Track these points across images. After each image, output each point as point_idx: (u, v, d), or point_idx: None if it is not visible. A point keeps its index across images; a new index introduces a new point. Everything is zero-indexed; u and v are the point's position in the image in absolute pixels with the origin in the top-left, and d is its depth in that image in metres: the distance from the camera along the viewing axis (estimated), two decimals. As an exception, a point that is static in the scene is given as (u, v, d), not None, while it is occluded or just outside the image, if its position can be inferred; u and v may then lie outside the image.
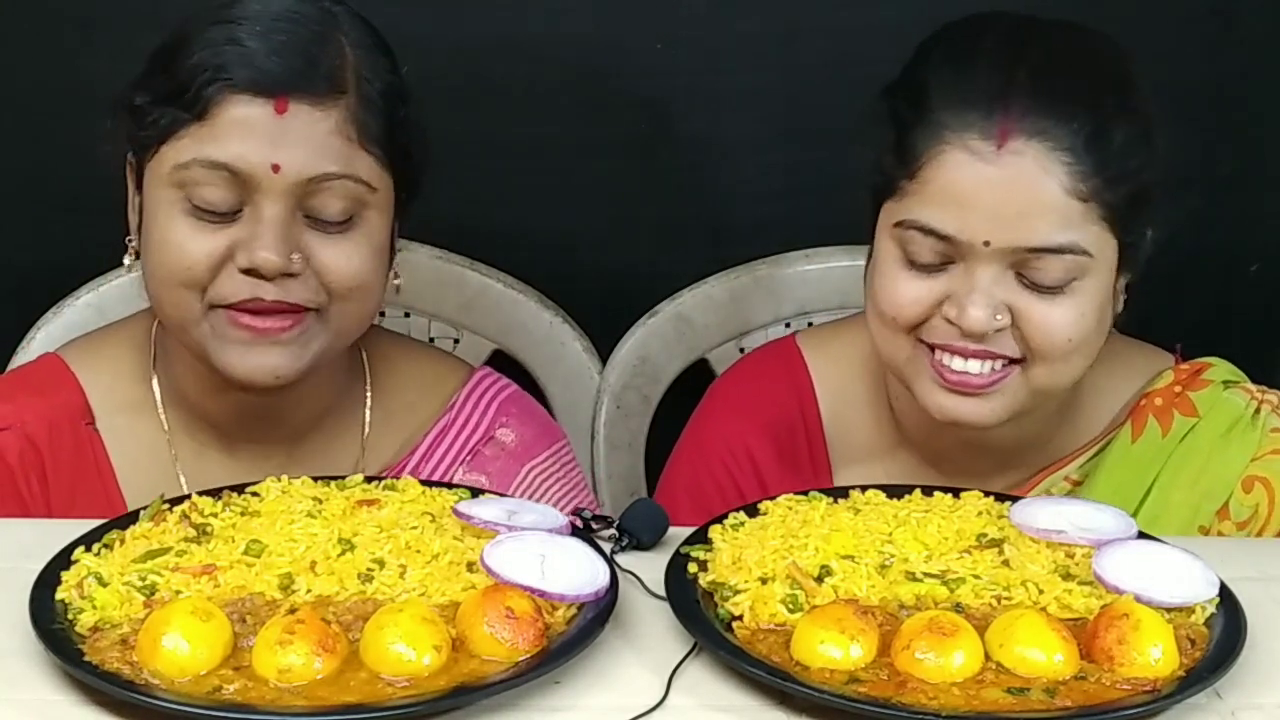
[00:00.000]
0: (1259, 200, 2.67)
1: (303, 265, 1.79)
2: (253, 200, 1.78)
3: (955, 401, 1.84)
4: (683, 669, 1.53)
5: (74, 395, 1.94)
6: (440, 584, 1.57)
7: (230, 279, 1.79)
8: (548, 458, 2.05)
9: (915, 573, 1.61)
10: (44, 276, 2.37)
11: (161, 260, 1.81)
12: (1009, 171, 1.76)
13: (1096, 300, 1.82)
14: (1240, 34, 2.59)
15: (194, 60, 1.77)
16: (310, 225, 1.80)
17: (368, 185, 1.81)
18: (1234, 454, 1.95)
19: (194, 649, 1.45)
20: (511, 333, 2.44)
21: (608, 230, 2.60)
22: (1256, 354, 2.11)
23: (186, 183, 1.78)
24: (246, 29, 1.78)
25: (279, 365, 1.81)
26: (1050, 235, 1.77)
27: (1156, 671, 1.48)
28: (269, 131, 1.76)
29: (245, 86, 1.76)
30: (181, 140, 1.78)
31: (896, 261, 1.83)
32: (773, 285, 2.47)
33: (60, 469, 1.91)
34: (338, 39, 1.81)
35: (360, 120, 1.80)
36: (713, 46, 2.55)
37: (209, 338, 1.82)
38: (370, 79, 1.82)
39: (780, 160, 2.59)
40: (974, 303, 1.79)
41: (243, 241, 1.78)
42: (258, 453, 1.95)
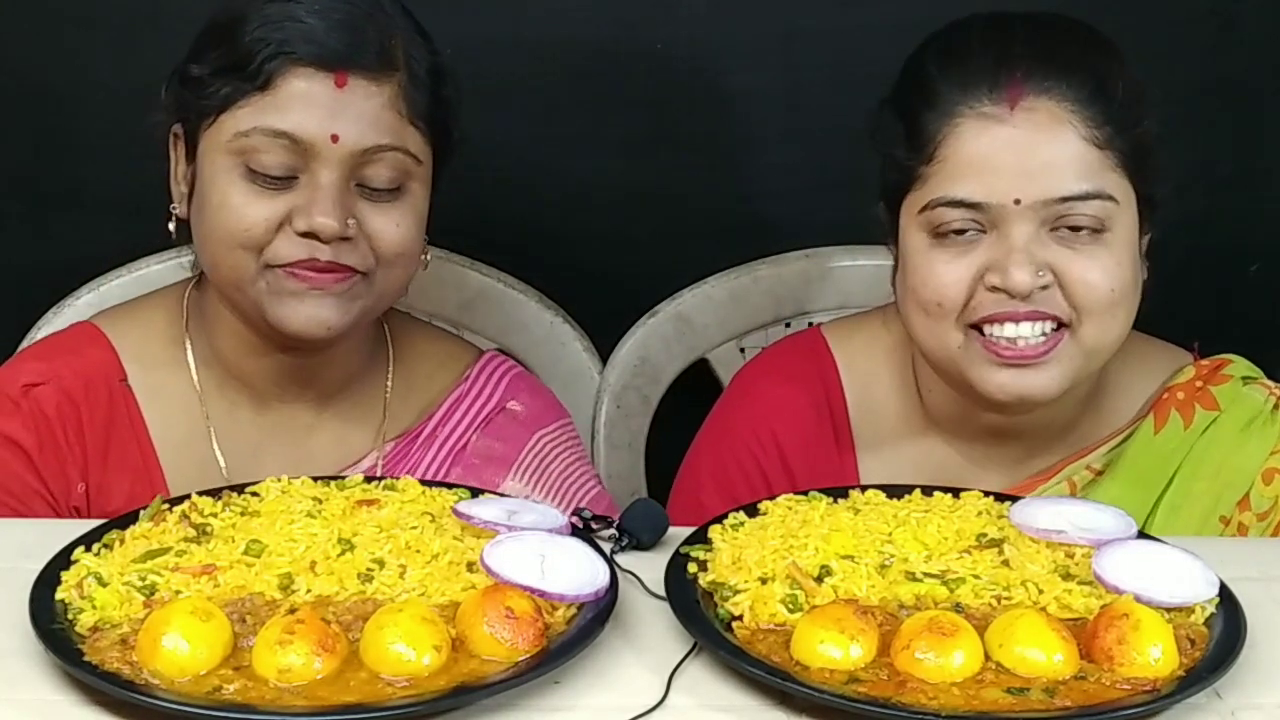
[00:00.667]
0: (1259, 200, 2.67)
1: (356, 230, 1.88)
2: (309, 168, 1.86)
3: (1014, 376, 1.85)
4: (683, 669, 1.53)
5: (107, 354, 2.01)
6: (440, 584, 1.57)
7: (287, 241, 1.87)
8: (557, 429, 2.13)
9: (915, 573, 1.61)
10: (44, 276, 2.37)
11: (220, 222, 1.88)
12: (1025, 128, 1.82)
13: (1129, 250, 1.87)
14: (1240, 34, 2.59)
15: (255, 34, 1.86)
16: (361, 194, 1.89)
17: (415, 158, 1.91)
18: (1254, 447, 1.98)
19: (194, 649, 1.45)
20: (511, 333, 2.44)
21: (608, 230, 2.60)
22: (1257, 354, 2.11)
23: (246, 149, 1.86)
24: (305, 6, 1.87)
25: (330, 318, 1.89)
26: (1076, 183, 1.82)
27: (1156, 671, 1.48)
28: (329, 103, 1.85)
29: (307, 60, 1.85)
30: (243, 109, 1.86)
31: (930, 248, 1.87)
32: (773, 285, 2.47)
33: (96, 423, 1.98)
34: (386, 18, 1.91)
35: (410, 96, 1.90)
36: (713, 46, 2.55)
37: (264, 294, 1.89)
38: (417, 57, 1.92)
39: (780, 160, 2.59)
40: (1015, 263, 1.82)
41: (300, 207, 1.86)
42: (286, 413, 2.03)
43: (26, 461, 1.95)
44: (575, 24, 2.52)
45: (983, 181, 1.82)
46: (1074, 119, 1.82)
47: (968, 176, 1.83)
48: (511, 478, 2.06)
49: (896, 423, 2.05)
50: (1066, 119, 1.82)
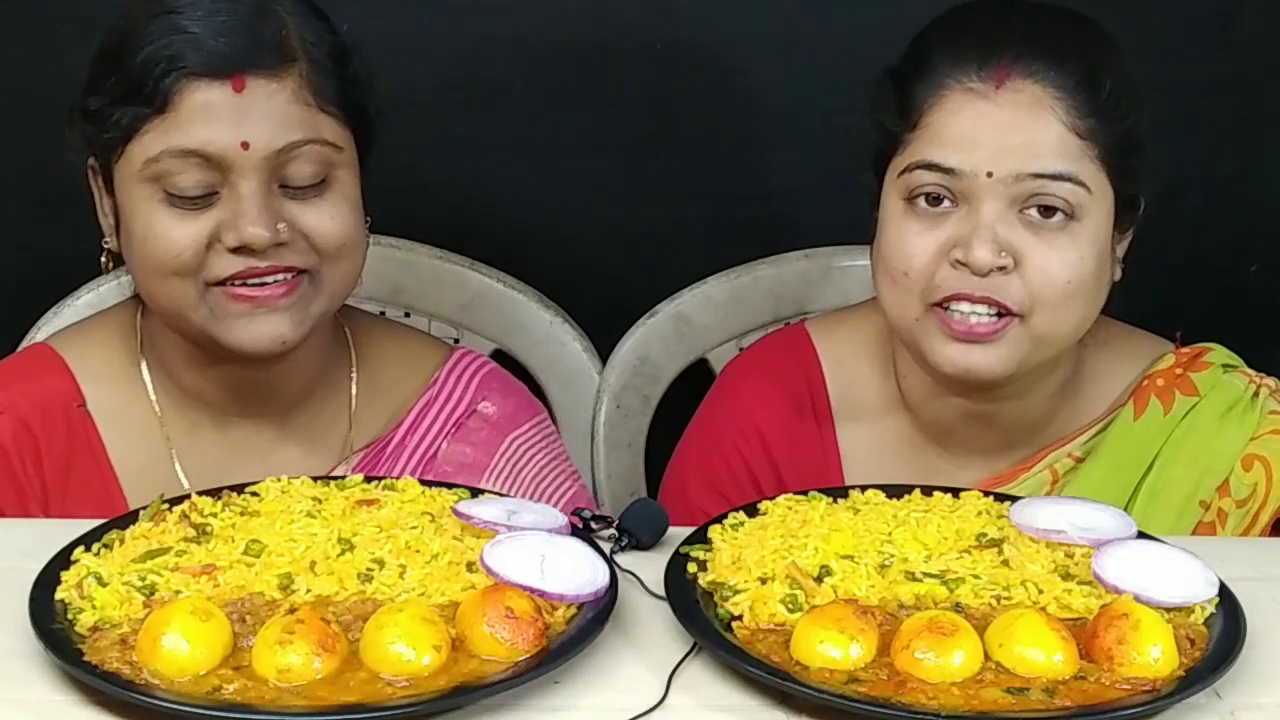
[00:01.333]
0: (1259, 200, 2.67)
1: (289, 233, 1.83)
2: (228, 181, 1.81)
3: (963, 351, 1.87)
4: (682, 669, 1.53)
5: (64, 379, 1.96)
6: (440, 584, 1.57)
7: (220, 258, 1.82)
8: (530, 428, 2.09)
9: (915, 573, 1.61)
10: (44, 276, 2.37)
11: (149, 252, 1.83)
12: (1008, 107, 1.84)
13: (1095, 246, 1.87)
14: (1240, 34, 2.59)
15: (144, 55, 1.79)
16: (286, 194, 1.83)
17: (334, 146, 1.85)
18: (1234, 433, 2.00)
19: (194, 649, 1.45)
20: (511, 333, 2.44)
21: (608, 230, 2.60)
22: (1257, 354, 2.11)
23: (159, 175, 1.80)
24: (187, 15, 1.80)
25: (283, 331, 1.85)
26: (1050, 163, 1.84)
27: (1156, 671, 1.48)
28: (232, 111, 1.79)
29: (201, 71, 1.79)
30: (146, 135, 1.80)
31: (903, 214, 1.89)
32: (773, 285, 2.47)
33: (54, 450, 1.94)
34: (274, 10, 1.84)
35: (314, 84, 1.83)
36: (713, 46, 2.55)
37: (209, 319, 1.85)
38: (315, 43, 1.85)
39: (781, 160, 2.59)
40: (979, 238, 1.84)
41: (227, 221, 1.81)
42: (249, 428, 1.98)
43: None
44: (575, 24, 2.52)
45: (960, 150, 1.85)
46: (1057, 105, 1.84)
47: (946, 145, 1.85)
48: (484, 484, 2.01)
49: (877, 411, 2.06)
50: (1050, 104, 1.84)
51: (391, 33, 2.40)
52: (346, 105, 1.86)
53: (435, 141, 2.49)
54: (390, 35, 2.37)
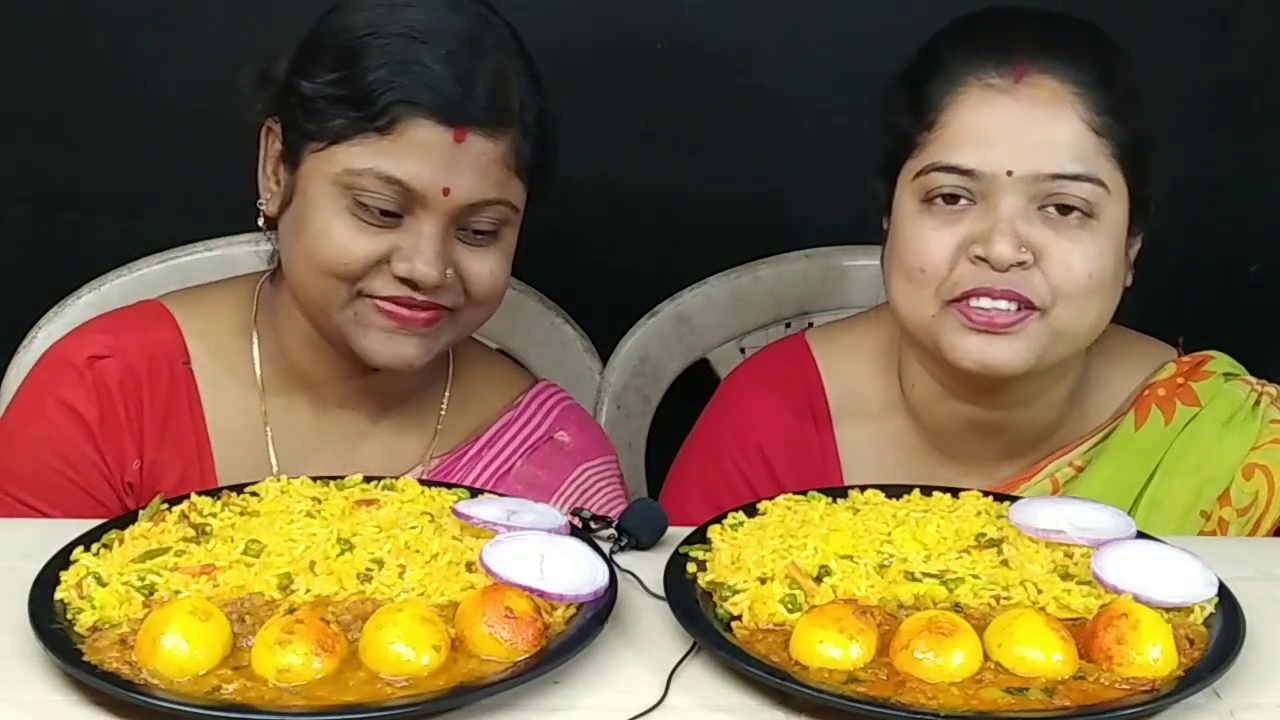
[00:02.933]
0: (1259, 200, 2.67)
1: (452, 277, 1.89)
2: (415, 213, 1.86)
3: (984, 343, 1.86)
4: (682, 669, 1.53)
5: (173, 335, 2.01)
6: (439, 584, 1.57)
7: (384, 279, 1.88)
8: (601, 463, 2.13)
9: (914, 572, 1.61)
10: (44, 276, 2.37)
11: (318, 250, 1.88)
12: (1027, 102, 1.85)
13: (1113, 242, 1.88)
14: (1240, 34, 2.59)
15: (379, 73, 1.84)
16: (458, 236, 1.90)
17: (515, 208, 1.93)
18: (1234, 442, 1.99)
19: (193, 649, 1.45)
20: (512, 333, 2.43)
21: (608, 230, 2.60)
22: (1257, 354, 2.11)
23: (355, 186, 1.85)
24: (431, 51, 1.85)
25: (415, 356, 1.91)
26: (1070, 162, 1.84)
27: (1155, 671, 1.48)
28: (445, 156, 1.85)
29: (430, 112, 1.84)
30: (358, 147, 1.85)
31: (919, 213, 1.89)
32: (773, 285, 2.47)
33: (156, 401, 1.99)
34: (508, 70, 1.90)
35: (520, 150, 1.90)
36: (713, 46, 2.55)
37: (351, 323, 1.90)
38: (531, 109, 1.91)
39: (780, 160, 2.59)
40: (999, 233, 1.83)
41: (402, 250, 1.86)
42: (342, 418, 2.04)
43: (87, 432, 1.95)
44: (575, 24, 2.52)
45: (979, 150, 1.84)
46: (1076, 101, 1.84)
47: (965, 144, 1.85)
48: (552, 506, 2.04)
49: (878, 419, 2.06)
50: (1069, 99, 1.84)
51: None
52: (535, 171, 1.93)
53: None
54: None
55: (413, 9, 1.88)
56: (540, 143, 1.93)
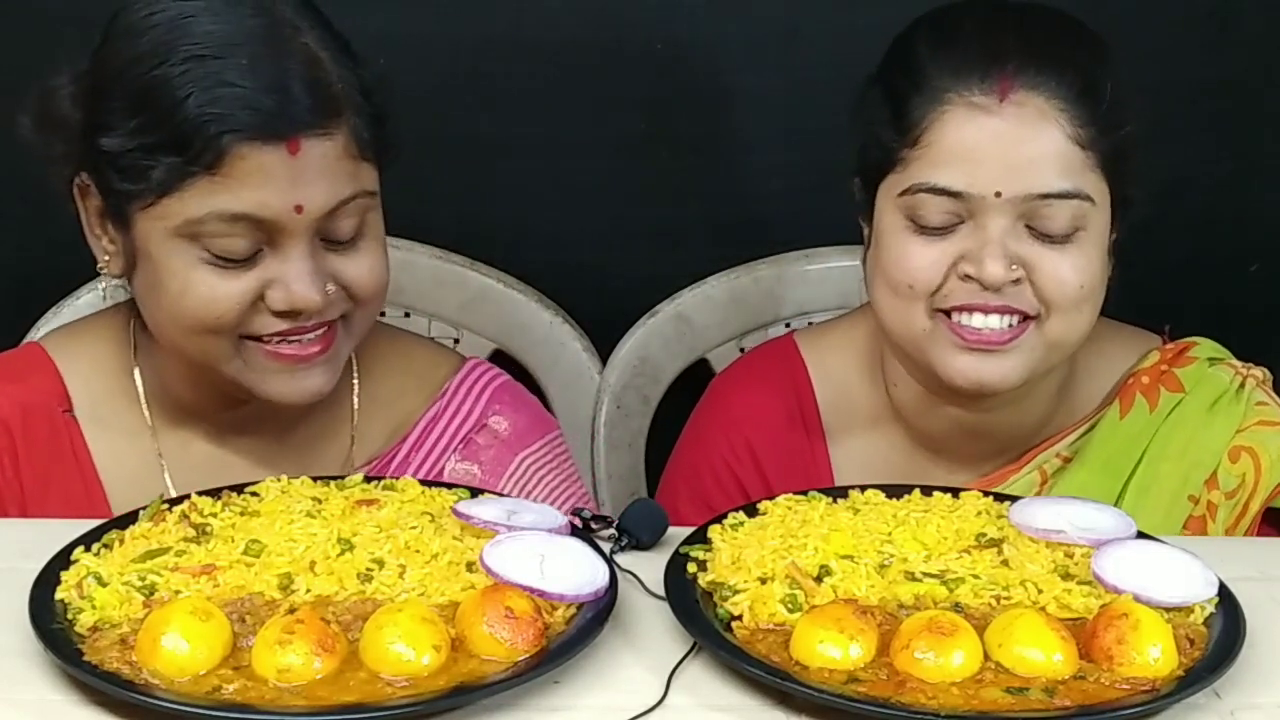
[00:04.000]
0: (1259, 200, 2.67)
1: (334, 290, 1.79)
2: (274, 241, 1.74)
3: (976, 362, 1.86)
4: (682, 669, 1.53)
5: (52, 382, 1.92)
6: (440, 584, 1.57)
7: (262, 317, 1.77)
8: (541, 447, 2.03)
9: (914, 572, 1.61)
10: (44, 276, 2.37)
11: (185, 310, 1.76)
12: (1013, 121, 1.82)
13: (1100, 248, 1.87)
14: (1240, 34, 2.59)
15: (187, 109, 1.68)
16: (327, 246, 1.78)
17: (371, 194, 1.81)
18: (1220, 426, 1.99)
19: (193, 649, 1.45)
20: (511, 333, 2.44)
21: (608, 230, 2.60)
22: (1256, 354, 2.11)
23: (201, 235, 1.72)
24: (230, 65, 1.70)
25: (321, 385, 1.82)
26: (1057, 181, 1.82)
27: (1155, 671, 1.48)
28: (286, 174, 1.71)
29: (255, 133, 1.69)
30: (189, 193, 1.71)
31: (904, 230, 1.87)
32: (773, 285, 2.47)
33: (34, 454, 1.89)
34: (314, 53, 1.75)
35: (358, 135, 1.77)
36: (713, 46, 2.55)
37: (244, 371, 1.80)
38: (352, 84, 1.77)
39: (780, 160, 2.59)
40: (990, 254, 1.83)
41: (275, 281, 1.75)
42: (244, 443, 1.93)
43: None
44: (575, 24, 2.52)
45: (966, 170, 1.82)
46: (1061, 117, 1.82)
47: (951, 164, 1.83)
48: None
49: (867, 419, 2.05)
50: (1054, 116, 1.82)
51: (391, 33, 2.40)
52: (379, 146, 1.80)
53: (435, 141, 2.49)
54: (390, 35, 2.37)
55: (194, 20, 1.71)
56: (375, 116, 1.78)
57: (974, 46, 1.85)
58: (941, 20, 1.91)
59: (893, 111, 1.87)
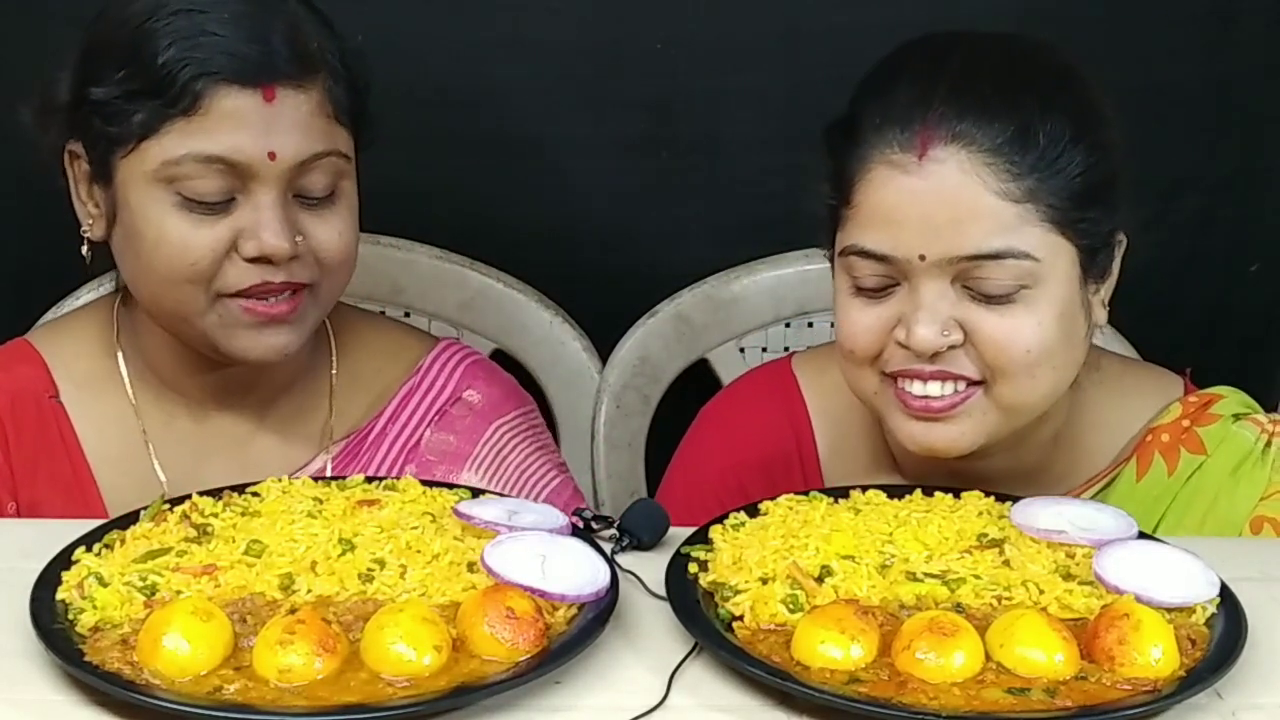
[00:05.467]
0: (1259, 200, 2.67)
1: (303, 245, 1.83)
2: (248, 188, 1.79)
3: (924, 429, 1.78)
4: (683, 669, 1.53)
5: (37, 370, 1.97)
6: (440, 584, 1.57)
7: (236, 268, 1.81)
8: (515, 416, 2.07)
9: (916, 573, 1.61)
10: (44, 276, 2.37)
11: (160, 257, 1.81)
12: (932, 181, 1.71)
13: (1055, 309, 1.74)
14: (1240, 34, 2.59)
15: (168, 54, 1.76)
16: (299, 204, 1.83)
17: (345, 157, 1.86)
18: (1242, 493, 1.90)
19: (194, 649, 1.45)
20: (511, 333, 2.44)
21: (608, 230, 2.60)
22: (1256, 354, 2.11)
23: (176, 177, 1.78)
24: (213, 17, 1.77)
25: (287, 343, 1.85)
26: (984, 241, 1.71)
27: (1157, 671, 1.48)
28: (260, 120, 1.77)
29: (232, 77, 1.76)
30: (168, 136, 1.77)
31: (847, 292, 1.80)
32: (773, 285, 2.47)
33: (23, 440, 1.94)
34: (299, 16, 1.83)
35: (334, 96, 1.83)
36: (713, 46, 2.55)
37: (215, 327, 1.84)
38: (334, 50, 1.84)
39: (780, 160, 2.59)
40: (920, 320, 1.73)
41: (246, 229, 1.79)
42: (226, 419, 1.98)
43: None
44: (575, 24, 2.52)
45: (889, 234, 1.72)
46: (986, 172, 1.70)
47: (875, 226, 1.74)
48: (467, 472, 2.01)
49: (866, 465, 1.98)
50: (975, 172, 1.70)
51: (391, 33, 2.40)
52: (355, 115, 1.87)
53: (435, 141, 2.49)
54: (390, 35, 2.37)
55: None
56: (351, 84, 1.85)
57: (900, 97, 1.74)
58: (886, 64, 1.82)
59: (833, 167, 1.80)
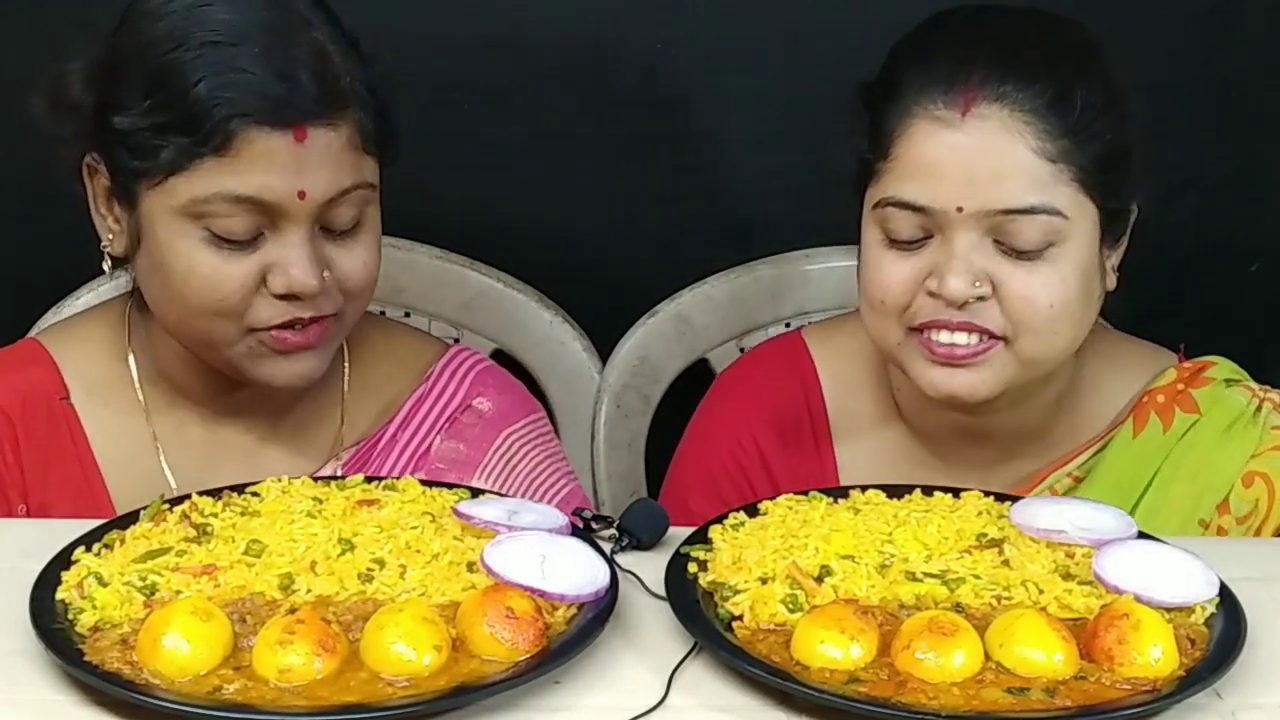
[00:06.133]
0: (1259, 200, 2.67)
1: (330, 278, 1.83)
2: (277, 225, 1.79)
3: (946, 375, 1.85)
4: (683, 669, 1.53)
5: (48, 372, 1.96)
6: (440, 584, 1.57)
7: (267, 304, 1.81)
8: (525, 425, 2.07)
9: (915, 573, 1.61)
10: (44, 276, 2.37)
11: (190, 291, 1.80)
12: (975, 136, 1.80)
13: (1078, 268, 1.83)
14: (1240, 34, 2.59)
15: (198, 91, 1.74)
16: (326, 236, 1.83)
17: (372, 186, 1.85)
18: (1235, 450, 1.97)
19: (194, 649, 1.45)
20: (511, 333, 2.44)
21: (608, 230, 2.60)
22: (1256, 353, 2.11)
23: (206, 214, 1.77)
24: (244, 52, 1.75)
25: (313, 370, 1.87)
26: (1022, 196, 1.79)
27: (1156, 671, 1.48)
28: (292, 160, 1.76)
29: (263, 118, 1.74)
30: (197, 173, 1.76)
31: (879, 244, 1.87)
32: (773, 285, 2.47)
33: (34, 442, 1.94)
34: (325, 48, 1.80)
35: (363, 127, 1.82)
36: (713, 46, 2.55)
37: (244, 356, 1.84)
38: (360, 79, 1.83)
39: (780, 160, 2.59)
40: (953, 270, 1.81)
41: (275, 265, 1.79)
42: (238, 427, 1.98)
43: None
44: (574, 24, 2.52)
45: (928, 185, 1.81)
46: (1026, 130, 1.79)
47: (915, 178, 1.82)
48: (476, 480, 2.01)
49: (874, 422, 2.05)
50: (1019, 129, 1.79)
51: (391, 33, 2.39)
52: (381, 141, 1.86)
53: (435, 141, 2.49)
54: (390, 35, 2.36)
55: (211, 8, 1.77)
56: (379, 111, 1.84)
57: (943, 59, 1.83)
58: (922, 31, 1.90)
59: (870, 122, 1.87)
